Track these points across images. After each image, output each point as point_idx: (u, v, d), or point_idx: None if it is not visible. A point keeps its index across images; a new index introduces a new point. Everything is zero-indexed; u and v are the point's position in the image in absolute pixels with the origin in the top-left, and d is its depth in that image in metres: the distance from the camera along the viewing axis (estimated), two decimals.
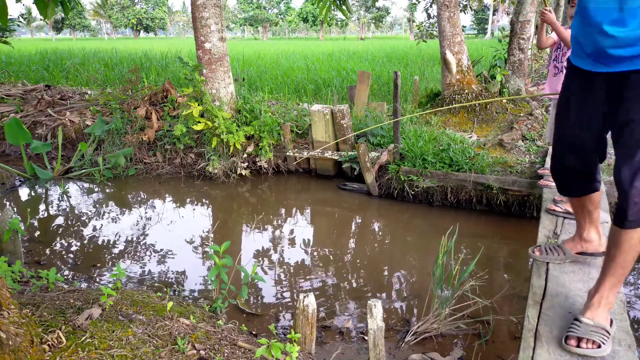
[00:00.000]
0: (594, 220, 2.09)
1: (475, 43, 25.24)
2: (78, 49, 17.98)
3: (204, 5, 5.87)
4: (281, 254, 3.95)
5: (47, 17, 3.07)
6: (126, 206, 5.17)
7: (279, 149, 5.92)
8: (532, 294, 1.98)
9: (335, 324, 2.88)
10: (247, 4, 75.36)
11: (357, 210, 5.04)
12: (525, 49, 7.14)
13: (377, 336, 2.11)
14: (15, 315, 1.58)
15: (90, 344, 1.77)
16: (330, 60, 14.34)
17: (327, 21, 7.02)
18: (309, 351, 2.25)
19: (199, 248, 4.05)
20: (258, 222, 4.63)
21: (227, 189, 5.56)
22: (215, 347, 2.04)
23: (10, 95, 8.10)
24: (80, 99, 7.92)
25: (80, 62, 12.50)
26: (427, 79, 10.56)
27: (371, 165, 5.17)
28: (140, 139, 6.11)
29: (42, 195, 5.46)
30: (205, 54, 6.00)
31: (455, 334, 2.74)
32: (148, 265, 3.69)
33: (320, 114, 5.57)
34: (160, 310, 2.21)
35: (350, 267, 3.71)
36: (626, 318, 1.80)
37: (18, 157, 6.68)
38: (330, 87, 9.75)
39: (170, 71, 10.70)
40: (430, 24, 16.53)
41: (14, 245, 3.11)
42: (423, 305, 3.02)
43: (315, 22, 69.75)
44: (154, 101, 6.56)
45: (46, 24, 69.63)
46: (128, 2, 76.19)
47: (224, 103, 6.07)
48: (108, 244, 4.06)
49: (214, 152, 5.78)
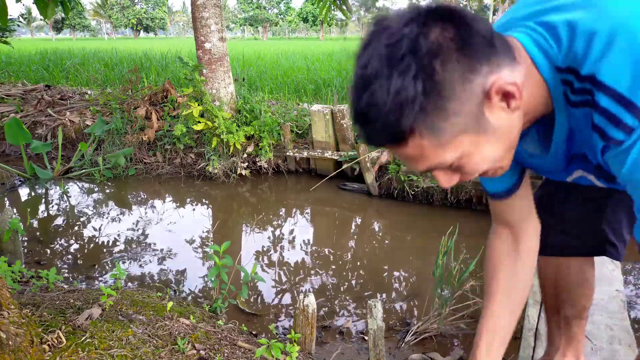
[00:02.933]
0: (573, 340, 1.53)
1: None
2: (78, 49, 17.97)
3: (204, 5, 5.87)
4: (281, 254, 3.95)
5: (47, 17, 3.07)
6: (126, 206, 5.17)
7: (279, 149, 5.92)
8: (532, 293, 1.98)
9: (335, 324, 2.88)
10: (247, 4, 75.38)
11: (357, 210, 5.04)
12: None
13: (377, 336, 2.11)
14: (15, 315, 1.57)
15: (90, 344, 1.77)
16: (330, 60, 14.33)
17: (327, 21, 7.02)
18: (309, 351, 2.25)
19: (199, 248, 4.05)
20: (258, 222, 4.63)
21: (227, 189, 5.56)
22: (215, 347, 2.04)
23: (10, 95, 8.10)
24: (80, 99, 7.92)
25: (80, 62, 12.49)
26: None
27: (371, 165, 5.17)
28: (140, 139, 6.11)
29: (42, 195, 5.45)
30: (205, 54, 6.00)
31: (455, 334, 2.74)
32: (148, 265, 3.69)
33: (320, 114, 5.56)
34: (160, 310, 2.21)
35: (350, 267, 3.71)
36: (626, 317, 1.80)
37: (18, 157, 6.68)
38: (330, 87, 9.74)
39: (170, 71, 10.69)
40: None
41: (14, 245, 3.11)
42: (423, 305, 3.02)
43: (315, 22, 69.76)
44: (154, 101, 6.56)
45: (46, 24, 69.64)
46: (128, 2, 76.21)
47: (224, 103, 6.07)
48: (108, 244, 4.06)
49: (214, 152, 5.78)
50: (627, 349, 1.62)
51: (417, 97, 0.61)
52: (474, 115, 0.65)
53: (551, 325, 1.59)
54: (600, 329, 1.83)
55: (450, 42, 0.62)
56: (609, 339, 1.76)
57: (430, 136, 0.64)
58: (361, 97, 0.65)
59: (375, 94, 0.63)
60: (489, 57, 0.65)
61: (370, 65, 0.64)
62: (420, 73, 0.60)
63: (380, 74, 0.62)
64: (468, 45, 0.63)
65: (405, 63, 0.61)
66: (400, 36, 0.62)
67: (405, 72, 0.60)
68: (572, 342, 1.51)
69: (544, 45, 0.73)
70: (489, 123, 0.67)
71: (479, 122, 0.66)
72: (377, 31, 0.65)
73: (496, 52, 0.66)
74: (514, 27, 0.81)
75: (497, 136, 0.69)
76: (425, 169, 0.71)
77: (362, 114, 0.66)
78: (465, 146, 0.68)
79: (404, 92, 0.61)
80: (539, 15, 0.77)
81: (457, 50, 0.62)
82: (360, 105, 0.65)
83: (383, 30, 0.64)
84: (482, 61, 0.64)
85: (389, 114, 0.62)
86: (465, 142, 0.67)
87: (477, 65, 0.63)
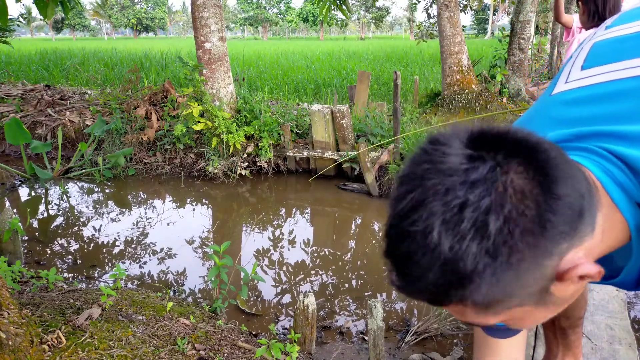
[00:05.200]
0: (571, 346, 1.55)
1: (475, 43, 25.24)
2: (78, 48, 17.97)
3: (204, 5, 5.86)
4: (281, 254, 3.95)
5: (47, 17, 3.07)
6: (126, 206, 5.17)
7: (279, 149, 5.92)
8: None
9: (335, 324, 2.88)
10: (247, 4, 75.37)
11: (357, 210, 5.04)
12: (526, 49, 7.15)
13: (377, 336, 2.11)
14: (15, 315, 1.57)
15: (90, 344, 1.77)
16: (330, 60, 14.33)
17: (327, 21, 7.02)
18: (309, 351, 2.25)
19: (199, 248, 4.05)
20: (258, 222, 4.62)
21: (227, 189, 5.55)
22: (215, 347, 2.04)
23: (10, 95, 8.09)
24: (80, 99, 7.92)
25: (80, 62, 12.50)
26: (427, 79, 10.56)
27: (371, 165, 5.17)
28: (140, 139, 6.11)
29: (42, 195, 5.45)
30: (205, 53, 6.00)
31: (455, 334, 2.74)
32: (148, 265, 3.69)
33: (320, 114, 5.56)
34: (160, 311, 2.21)
35: (350, 267, 3.71)
36: (626, 317, 1.80)
37: (18, 157, 6.68)
38: (330, 87, 9.75)
39: (170, 71, 10.70)
40: (430, 23, 16.52)
41: (14, 245, 3.11)
42: (423, 305, 3.02)
43: (315, 22, 69.77)
44: (153, 101, 6.56)
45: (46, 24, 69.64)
46: (128, 2, 76.20)
47: (223, 103, 6.07)
48: (108, 244, 4.06)
49: (214, 152, 5.78)
50: (627, 349, 1.62)
51: (478, 271, 0.47)
52: (537, 293, 0.53)
53: (547, 333, 1.59)
54: (600, 329, 1.83)
55: (533, 201, 0.47)
56: (609, 338, 1.76)
57: (479, 308, 0.52)
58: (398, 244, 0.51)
59: (416, 255, 0.49)
60: (573, 229, 0.50)
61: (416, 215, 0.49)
62: (490, 246, 0.46)
63: (427, 232, 0.48)
64: (554, 212, 0.48)
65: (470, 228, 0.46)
66: (469, 185, 0.47)
67: (466, 240, 0.46)
68: (571, 348, 1.53)
69: (620, 177, 0.61)
70: (552, 297, 0.55)
71: (541, 297, 0.54)
72: (435, 170, 0.49)
73: (583, 221, 0.51)
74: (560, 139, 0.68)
75: (557, 305, 0.58)
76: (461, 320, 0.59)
77: (397, 261, 0.52)
78: (517, 314, 0.56)
79: (463, 262, 0.47)
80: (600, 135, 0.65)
81: (539, 220, 0.47)
82: (397, 251, 0.51)
83: (440, 172, 0.49)
84: (565, 236, 0.50)
85: (437, 282, 0.49)
86: (517, 312, 0.55)
87: (558, 242, 0.49)
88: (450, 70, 7.05)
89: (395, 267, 0.53)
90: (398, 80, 5.02)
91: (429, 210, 0.48)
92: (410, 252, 0.49)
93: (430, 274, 0.48)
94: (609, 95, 0.69)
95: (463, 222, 0.46)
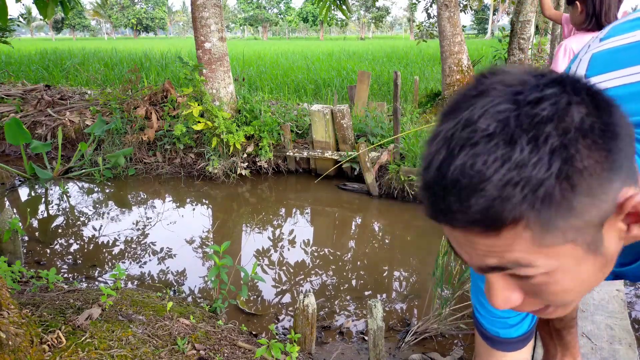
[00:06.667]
0: (568, 346, 1.55)
1: (475, 43, 25.24)
2: (78, 48, 17.98)
3: (204, 5, 5.87)
4: (281, 254, 3.95)
5: (47, 17, 3.07)
6: (126, 206, 5.17)
7: (279, 149, 5.92)
8: None
9: (335, 324, 2.88)
10: (247, 4, 75.39)
11: (357, 210, 5.04)
12: (526, 49, 7.14)
13: (377, 336, 2.11)
14: (15, 315, 1.57)
15: (90, 344, 1.77)
16: (330, 60, 14.34)
17: (327, 21, 7.02)
18: (309, 351, 2.25)
19: (199, 248, 4.05)
20: (258, 222, 4.62)
21: (227, 189, 5.56)
22: (215, 347, 2.04)
23: (10, 95, 8.10)
24: (80, 99, 7.92)
25: (80, 62, 12.50)
26: (427, 79, 10.56)
27: (371, 165, 5.17)
28: (140, 139, 6.11)
29: (42, 195, 5.45)
30: (205, 53, 6.00)
31: (455, 334, 2.74)
32: (148, 265, 3.69)
33: (320, 114, 5.56)
34: (160, 311, 2.21)
35: (350, 267, 3.71)
36: (626, 317, 1.80)
37: (18, 157, 6.68)
38: (330, 87, 9.75)
39: (170, 71, 10.70)
40: (430, 23, 16.51)
41: (14, 245, 3.11)
42: (423, 305, 3.02)
43: (315, 22, 69.77)
44: (153, 101, 6.56)
45: (46, 23, 69.63)
46: (128, 2, 76.21)
47: (224, 103, 6.07)
48: (108, 244, 4.06)
49: (214, 152, 5.78)
50: (627, 349, 1.62)
51: (547, 179, 0.44)
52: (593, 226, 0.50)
53: (543, 335, 1.59)
54: (600, 329, 1.83)
55: (598, 128, 0.47)
56: (609, 338, 1.76)
57: (538, 232, 0.48)
58: (453, 158, 0.47)
59: (480, 160, 0.45)
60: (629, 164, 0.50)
61: (482, 119, 0.46)
62: (560, 150, 0.44)
63: (496, 135, 0.45)
64: (615, 138, 0.48)
65: (544, 131, 0.44)
66: (540, 95, 0.46)
67: (539, 143, 0.44)
68: (568, 348, 1.53)
69: None
70: (601, 243, 0.52)
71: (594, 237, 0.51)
72: (499, 82, 0.48)
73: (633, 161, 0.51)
74: None
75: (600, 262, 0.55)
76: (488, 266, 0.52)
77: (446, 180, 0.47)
78: (566, 258, 0.52)
79: (530, 169, 0.44)
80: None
81: (603, 140, 0.47)
82: (448, 169, 0.47)
83: (510, 82, 0.47)
84: (622, 166, 0.49)
85: (496, 192, 0.45)
86: (568, 254, 0.51)
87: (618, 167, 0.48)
88: (450, 70, 7.06)
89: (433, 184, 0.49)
90: (398, 80, 5.02)
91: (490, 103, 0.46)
92: (461, 159, 0.46)
93: (488, 183, 0.45)
94: (620, 99, 0.72)
95: (538, 122, 0.45)
